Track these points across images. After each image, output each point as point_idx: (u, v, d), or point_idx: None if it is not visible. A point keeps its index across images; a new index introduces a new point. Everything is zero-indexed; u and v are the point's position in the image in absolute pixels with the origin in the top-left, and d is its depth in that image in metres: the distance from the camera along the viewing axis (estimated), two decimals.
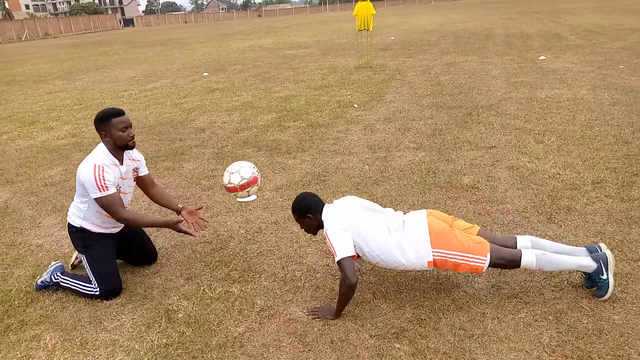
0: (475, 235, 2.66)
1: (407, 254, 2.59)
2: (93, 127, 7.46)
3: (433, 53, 13.27)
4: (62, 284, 3.04)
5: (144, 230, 3.40)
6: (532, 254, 2.56)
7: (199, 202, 4.38)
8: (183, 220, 3.03)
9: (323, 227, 2.71)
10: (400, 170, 4.76)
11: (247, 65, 13.75)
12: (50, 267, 3.14)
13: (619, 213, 3.58)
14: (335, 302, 2.65)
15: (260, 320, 2.69)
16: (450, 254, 2.54)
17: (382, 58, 12.96)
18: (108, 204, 2.84)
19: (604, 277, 2.59)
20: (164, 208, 3.39)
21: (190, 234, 3.03)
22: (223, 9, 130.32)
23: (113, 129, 2.85)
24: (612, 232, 3.32)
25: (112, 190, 2.84)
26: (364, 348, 2.42)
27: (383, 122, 6.58)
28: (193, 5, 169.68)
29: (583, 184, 4.12)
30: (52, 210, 4.44)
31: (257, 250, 3.46)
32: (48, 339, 2.66)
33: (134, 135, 2.95)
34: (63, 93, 11.39)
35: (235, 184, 2.94)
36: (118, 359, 2.48)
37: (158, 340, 2.58)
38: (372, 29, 11.73)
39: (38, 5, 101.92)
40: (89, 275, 2.99)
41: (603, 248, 2.69)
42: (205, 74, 12.53)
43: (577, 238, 3.25)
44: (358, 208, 2.75)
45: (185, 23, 78.56)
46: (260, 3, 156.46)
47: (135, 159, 3.11)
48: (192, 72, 13.34)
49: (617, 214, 3.56)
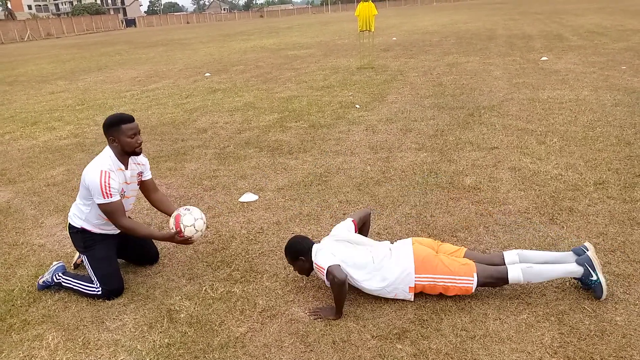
0: (462, 257, 2.76)
1: (389, 276, 2.68)
2: (95, 127, 7.55)
3: (435, 54, 13.26)
4: (64, 284, 3.04)
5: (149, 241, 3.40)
6: (517, 269, 2.63)
7: (201, 202, 4.39)
8: (180, 232, 2.97)
9: (314, 267, 2.80)
10: (402, 171, 4.76)
11: (249, 66, 13.77)
12: (52, 267, 3.15)
13: (621, 214, 3.57)
14: None
15: (262, 321, 2.70)
16: (438, 278, 2.65)
17: (384, 59, 12.96)
18: (110, 211, 2.86)
19: (594, 278, 2.60)
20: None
21: (187, 244, 3.02)
22: (225, 10, 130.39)
23: (122, 135, 2.86)
24: (614, 233, 3.32)
25: (115, 198, 2.85)
26: (366, 349, 2.42)
27: (385, 122, 6.58)
28: (195, 6, 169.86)
29: (585, 185, 4.11)
30: (54, 210, 4.45)
31: (259, 251, 3.46)
32: (50, 339, 2.66)
33: (142, 142, 2.95)
34: (65, 93, 11.42)
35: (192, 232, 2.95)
36: (120, 359, 2.48)
37: (160, 340, 2.59)
38: (374, 30, 11.74)
39: (40, 6, 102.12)
40: (91, 276, 3.00)
41: (588, 248, 2.70)
42: (207, 75, 12.55)
43: (579, 239, 3.25)
44: (344, 241, 2.86)
45: (187, 23, 78.66)
46: (262, 4, 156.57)
47: (140, 163, 3.11)
48: (194, 72, 13.36)
49: (619, 215, 3.56)
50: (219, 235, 3.72)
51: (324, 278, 2.66)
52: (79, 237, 3.03)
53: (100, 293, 2.95)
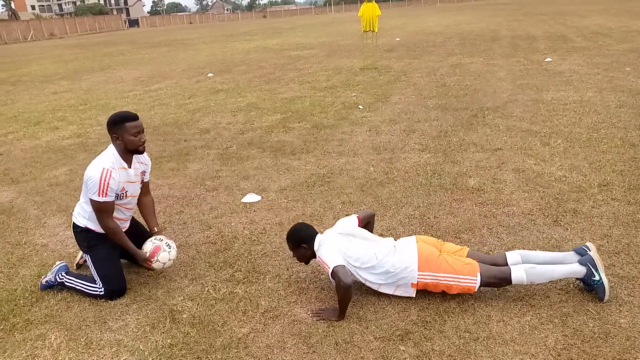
0: (465, 257, 2.76)
1: (392, 271, 2.67)
2: (98, 127, 7.56)
3: (438, 54, 13.25)
4: (66, 284, 3.05)
5: (146, 232, 3.40)
6: (520, 270, 2.63)
7: (203, 203, 4.39)
8: (150, 262, 3.00)
9: (315, 256, 2.79)
10: (406, 172, 4.75)
11: (251, 66, 13.78)
12: (55, 267, 3.15)
13: (626, 216, 3.56)
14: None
15: (265, 322, 2.69)
16: (441, 277, 2.65)
17: (387, 59, 12.95)
18: (100, 209, 2.87)
19: (596, 278, 2.59)
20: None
21: (150, 269, 3.06)
22: (228, 10, 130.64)
23: (126, 133, 2.86)
24: (618, 235, 3.30)
25: (109, 199, 2.86)
26: (369, 350, 2.42)
27: (388, 123, 6.57)
28: (198, 6, 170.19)
29: (589, 187, 4.10)
30: (57, 210, 4.46)
31: (261, 251, 3.46)
32: (53, 339, 2.67)
33: (145, 140, 2.96)
34: (68, 93, 11.45)
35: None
36: (122, 359, 2.48)
37: (162, 341, 2.59)
38: (377, 30, 11.73)
39: (44, 6, 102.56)
40: (94, 276, 3.00)
41: (590, 248, 2.69)
42: (210, 75, 12.56)
43: (583, 241, 3.23)
44: (347, 235, 2.84)
45: (190, 24, 78.79)
46: (265, 4, 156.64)
47: (144, 163, 3.12)
48: (197, 72, 13.37)
49: (623, 217, 3.54)
50: (222, 236, 3.72)
51: (328, 274, 2.65)
52: (83, 236, 3.04)
53: (103, 293, 2.95)
